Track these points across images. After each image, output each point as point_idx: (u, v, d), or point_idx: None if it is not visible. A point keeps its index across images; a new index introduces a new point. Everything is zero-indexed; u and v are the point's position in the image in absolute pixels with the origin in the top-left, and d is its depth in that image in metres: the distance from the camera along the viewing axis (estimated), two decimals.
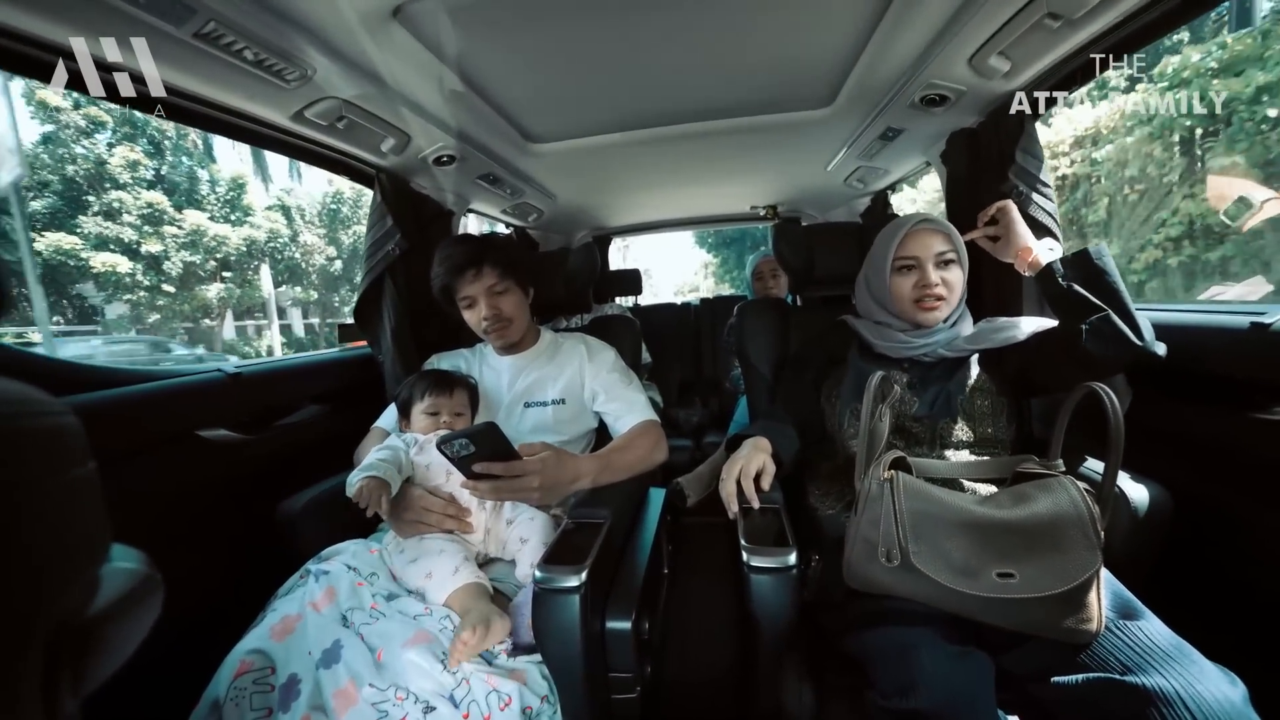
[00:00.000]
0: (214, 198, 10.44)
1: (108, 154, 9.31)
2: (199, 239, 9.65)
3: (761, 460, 0.88)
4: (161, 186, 9.90)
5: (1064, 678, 0.64)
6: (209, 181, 10.48)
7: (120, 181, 9.28)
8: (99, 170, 9.13)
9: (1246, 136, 4.45)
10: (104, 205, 8.99)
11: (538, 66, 1.09)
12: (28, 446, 0.24)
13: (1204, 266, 4.96)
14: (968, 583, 0.65)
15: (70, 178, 9.09)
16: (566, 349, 1.25)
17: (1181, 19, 0.86)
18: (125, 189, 9.29)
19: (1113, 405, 0.65)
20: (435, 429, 1.03)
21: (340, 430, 1.27)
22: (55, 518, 0.25)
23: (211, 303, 10.32)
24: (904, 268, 0.97)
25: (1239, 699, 0.56)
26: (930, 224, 0.96)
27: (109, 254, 8.82)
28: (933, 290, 0.93)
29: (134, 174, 9.42)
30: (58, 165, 9.11)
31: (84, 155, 9.09)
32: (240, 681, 0.67)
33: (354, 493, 0.88)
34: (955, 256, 0.95)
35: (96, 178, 9.19)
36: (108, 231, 8.91)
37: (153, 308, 9.75)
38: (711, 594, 1.55)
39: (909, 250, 0.96)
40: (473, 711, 0.66)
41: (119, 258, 8.93)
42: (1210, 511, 0.91)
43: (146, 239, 9.20)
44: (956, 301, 0.96)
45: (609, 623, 0.80)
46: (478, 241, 1.15)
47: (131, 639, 0.28)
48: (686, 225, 2.97)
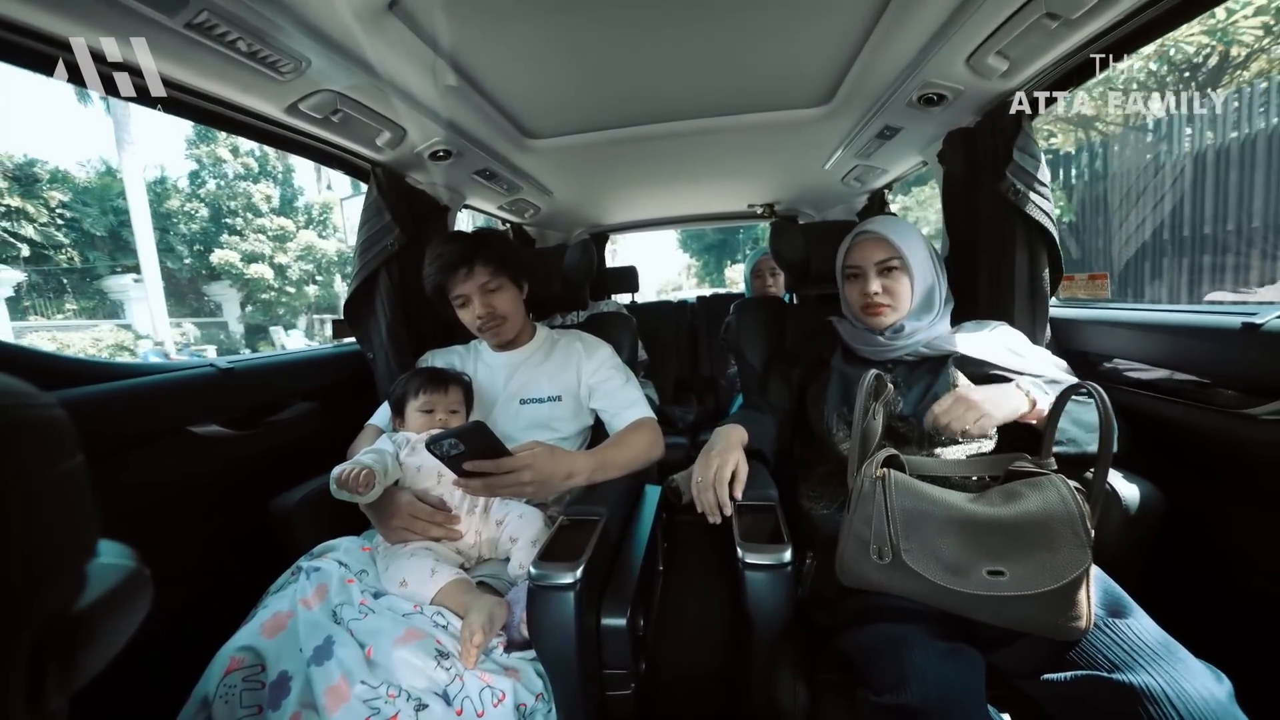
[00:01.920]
0: (307, 218, 13.93)
1: (253, 189, 13.20)
2: (310, 251, 13.15)
3: (734, 462, 0.88)
4: (284, 213, 13.85)
5: (1054, 675, 0.65)
6: (305, 205, 14.15)
7: (260, 210, 13.10)
8: (249, 203, 13.01)
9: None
10: (254, 228, 12.93)
11: (535, 61, 1.08)
12: (13, 438, 0.23)
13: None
14: (958, 580, 0.65)
15: (232, 209, 12.88)
16: (562, 346, 1.24)
17: (1182, 18, 0.86)
18: (263, 216, 13.08)
19: (1104, 404, 0.65)
20: (430, 427, 1.02)
21: (333, 426, 1.26)
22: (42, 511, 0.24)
23: (313, 300, 13.69)
24: (851, 276, 1.02)
25: (1224, 696, 0.56)
26: (871, 233, 0.99)
27: (258, 265, 12.65)
28: (872, 299, 0.97)
29: (269, 204, 13.29)
30: (224, 199, 12.98)
31: (242, 192, 13.02)
32: (230, 679, 0.67)
33: (338, 474, 0.87)
34: (899, 264, 0.97)
35: (247, 208, 12.97)
36: (255, 248, 12.72)
37: (279, 304, 13.25)
38: (706, 591, 1.55)
39: (853, 259, 1.01)
40: (466, 708, 0.66)
41: (265, 267, 12.67)
42: (1201, 510, 0.92)
43: (277, 252, 12.96)
44: (906, 306, 0.98)
45: (604, 619, 0.80)
46: (470, 239, 1.14)
47: (120, 635, 0.28)
48: (683, 223, 2.97)
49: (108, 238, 12.42)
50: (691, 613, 1.48)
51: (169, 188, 13.16)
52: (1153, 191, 4.53)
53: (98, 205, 12.17)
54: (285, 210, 13.70)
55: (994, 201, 1.17)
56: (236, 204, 12.96)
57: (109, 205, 12.28)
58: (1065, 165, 5.29)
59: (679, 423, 2.21)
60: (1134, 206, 4.66)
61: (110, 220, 12.27)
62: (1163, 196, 4.45)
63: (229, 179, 13.17)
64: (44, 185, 11.45)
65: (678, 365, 2.69)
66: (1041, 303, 1.17)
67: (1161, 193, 4.46)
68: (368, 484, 0.87)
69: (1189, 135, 4.35)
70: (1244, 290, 3.96)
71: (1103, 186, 5.00)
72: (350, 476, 0.86)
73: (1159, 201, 4.48)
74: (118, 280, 11.92)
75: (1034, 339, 1.10)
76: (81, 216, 11.96)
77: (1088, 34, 0.90)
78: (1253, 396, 0.83)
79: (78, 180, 12.22)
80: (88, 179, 12.54)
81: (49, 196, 11.50)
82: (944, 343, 0.97)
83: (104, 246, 12.45)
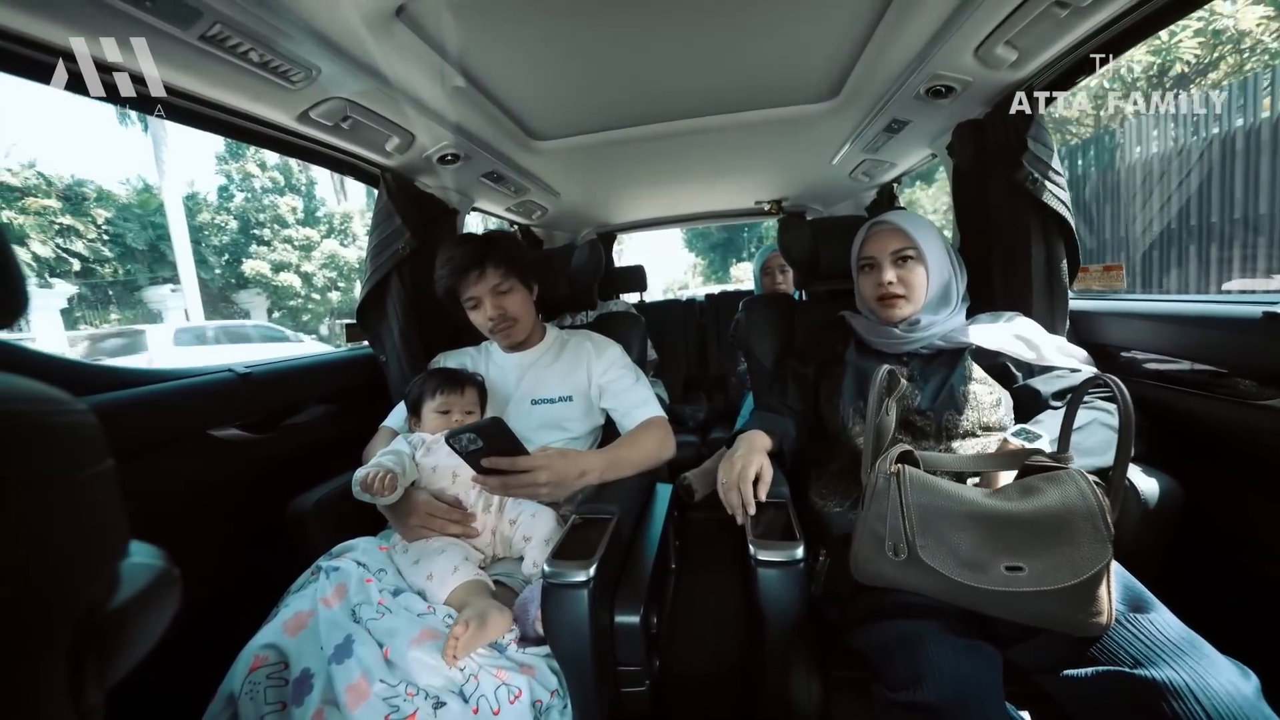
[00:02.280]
0: (329, 227, 14.72)
1: (280, 201, 14.16)
2: (334, 259, 13.88)
3: (759, 463, 0.88)
4: (308, 224, 14.82)
5: (1074, 671, 0.64)
6: (326, 215, 14.93)
7: (287, 222, 14.01)
8: (276, 215, 13.98)
9: None
10: (281, 239, 13.84)
11: (540, 63, 1.09)
12: (48, 443, 0.24)
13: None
14: (975, 576, 0.65)
15: (260, 221, 13.91)
16: (572, 346, 1.25)
17: (1194, 5, 0.84)
18: (289, 227, 14.00)
19: (1123, 397, 0.64)
20: (446, 427, 1.04)
21: (348, 429, 1.28)
22: (75, 514, 0.25)
23: (335, 306, 14.57)
24: (865, 267, 1.01)
25: (1251, 692, 0.55)
26: (886, 224, 0.98)
27: (286, 273, 13.53)
28: (887, 289, 0.96)
29: (294, 215, 14.19)
30: (253, 212, 14.02)
31: (269, 205, 14.02)
32: (254, 676, 0.68)
33: (361, 477, 0.89)
34: (915, 253, 0.95)
35: (274, 220, 13.93)
36: (282, 258, 13.66)
37: (305, 310, 14.22)
38: (719, 588, 1.55)
39: (868, 250, 1.00)
40: (482, 706, 0.67)
41: (294, 276, 13.55)
42: (1222, 503, 0.90)
43: (303, 261, 13.85)
44: (922, 298, 0.97)
45: (617, 617, 0.80)
46: (480, 241, 1.15)
47: (151, 633, 0.29)
48: (690, 221, 2.96)
49: (147, 251, 13.37)
50: (704, 610, 1.49)
51: (200, 202, 14.14)
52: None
53: (137, 221, 13.08)
54: (309, 221, 14.58)
55: (1008, 192, 1.15)
56: (265, 216, 13.97)
57: (147, 221, 13.23)
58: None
59: (689, 421, 2.21)
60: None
61: (149, 235, 13.19)
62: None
63: (257, 193, 14.17)
64: (91, 203, 12.39)
65: (687, 364, 2.69)
66: (1060, 294, 1.15)
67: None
68: (391, 486, 0.89)
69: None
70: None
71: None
72: (374, 479, 0.88)
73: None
74: (156, 290, 12.79)
75: (1053, 331, 1.08)
76: (124, 232, 12.89)
77: (1098, 22, 0.89)
78: (1273, 387, 0.81)
79: (119, 198, 13.14)
80: (128, 196, 13.48)
81: (96, 214, 12.41)
82: (959, 335, 0.96)
83: (143, 259, 13.42)
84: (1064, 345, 0.98)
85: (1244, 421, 0.85)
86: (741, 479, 0.86)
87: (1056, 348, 0.97)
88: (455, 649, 0.70)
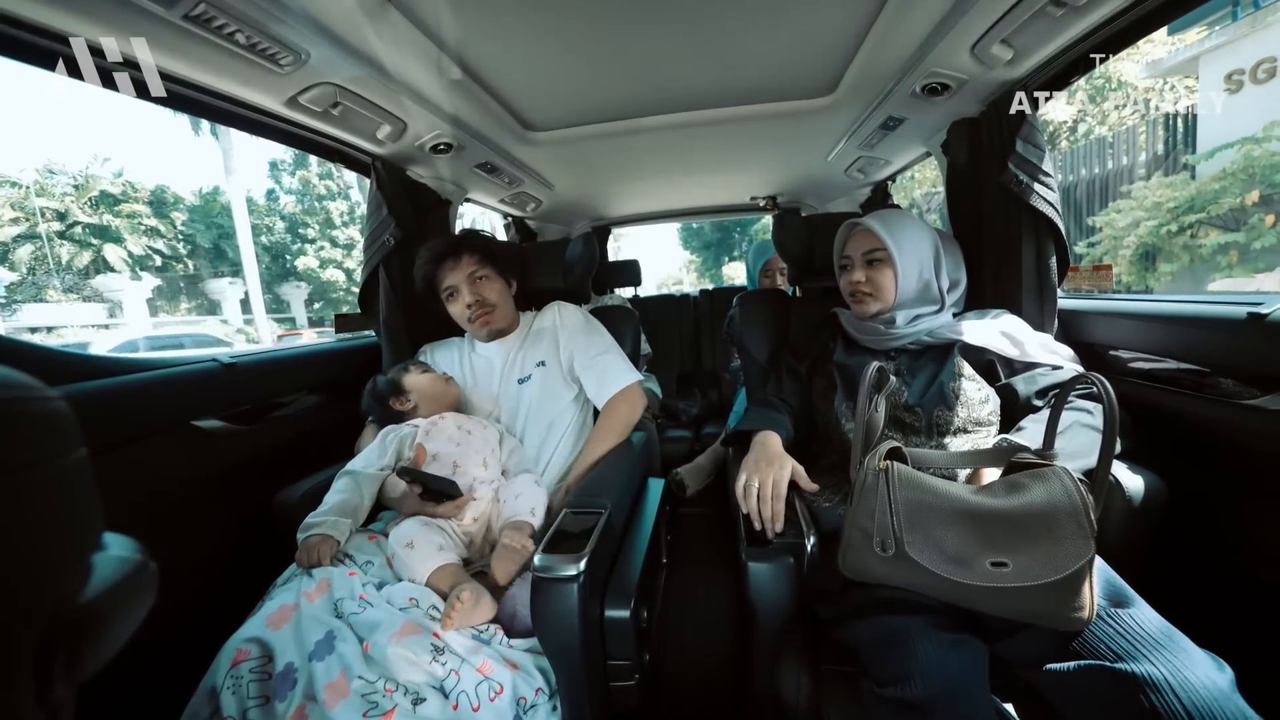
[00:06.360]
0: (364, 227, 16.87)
1: (330, 206, 17.11)
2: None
3: (789, 474, 0.85)
4: (349, 225, 17.68)
5: (1057, 665, 0.65)
6: (362, 215, 16.58)
7: (334, 224, 17.06)
8: (326, 217, 17.11)
9: None
10: (327, 238, 16.92)
11: (536, 53, 1.07)
12: (16, 430, 0.23)
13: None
14: (961, 572, 0.65)
15: (306, 223, 16.99)
16: (542, 317, 1.31)
17: (1189, 5, 0.84)
18: (336, 229, 17.01)
19: (1108, 394, 0.65)
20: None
21: (337, 420, 1.27)
22: (46, 504, 0.24)
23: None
24: (843, 266, 1.07)
25: (1226, 685, 0.56)
26: (861, 226, 1.03)
27: (331, 269, 16.59)
28: (855, 287, 1.03)
29: (340, 218, 17.21)
30: (306, 215, 17.21)
31: (320, 209, 17.17)
32: (237, 670, 0.67)
33: (299, 559, 0.86)
34: (884, 255, 0.99)
35: (324, 222, 17.09)
36: (329, 256, 16.70)
37: (345, 303, 16.11)
38: (710, 583, 1.56)
39: (846, 250, 1.06)
40: (462, 702, 0.66)
41: (338, 272, 16.56)
42: (1204, 501, 0.92)
43: (345, 259, 16.72)
44: (890, 297, 1.00)
45: (608, 611, 0.80)
46: (455, 235, 1.22)
47: (126, 627, 0.28)
48: (685, 216, 2.94)
49: (211, 249, 16.22)
50: (695, 605, 1.49)
51: (260, 206, 17.24)
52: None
53: (203, 221, 15.84)
54: (351, 221, 17.28)
55: (999, 192, 1.16)
56: (316, 219, 16.88)
57: (211, 221, 15.94)
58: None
59: (682, 416, 2.21)
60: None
61: (213, 234, 15.93)
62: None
63: (310, 199, 17.13)
64: (169, 207, 15.28)
65: (681, 359, 2.69)
66: (1050, 294, 1.16)
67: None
68: (330, 553, 0.85)
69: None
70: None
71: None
72: (310, 554, 0.84)
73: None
74: (217, 283, 15.33)
75: (1041, 329, 1.10)
76: (194, 232, 15.72)
77: (1093, 21, 0.89)
78: (1257, 387, 0.82)
79: (190, 201, 16.00)
80: (196, 201, 16.29)
81: (174, 217, 15.25)
82: (947, 331, 0.97)
83: (207, 256, 16.35)
84: (1048, 342, 0.99)
85: (1227, 421, 0.86)
86: (775, 496, 0.82)
87: (1040, 345, 0.98)
88: (454, 619, 0.72)
